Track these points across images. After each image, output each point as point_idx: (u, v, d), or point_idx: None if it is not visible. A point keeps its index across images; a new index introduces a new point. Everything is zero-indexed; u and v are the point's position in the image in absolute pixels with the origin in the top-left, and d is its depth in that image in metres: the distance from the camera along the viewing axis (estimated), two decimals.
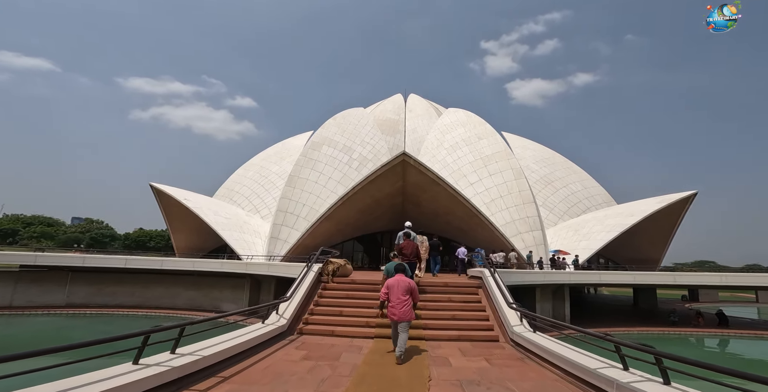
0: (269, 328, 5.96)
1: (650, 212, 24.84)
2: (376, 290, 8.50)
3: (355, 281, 8.91)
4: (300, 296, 7.53)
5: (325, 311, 7.62)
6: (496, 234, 22.86)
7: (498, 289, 7.60)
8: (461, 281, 9.44)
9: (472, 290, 8.58)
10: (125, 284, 22.81)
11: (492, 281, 8.03)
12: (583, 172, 36.92)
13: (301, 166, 27.33)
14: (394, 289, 5.48)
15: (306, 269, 8.50)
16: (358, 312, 7.55)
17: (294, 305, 7.11)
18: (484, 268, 9.29)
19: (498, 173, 27.00)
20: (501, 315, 7.03)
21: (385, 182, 22.91)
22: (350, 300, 8.08)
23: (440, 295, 8.30)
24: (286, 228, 25.05)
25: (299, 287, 7.81)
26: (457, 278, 10.49)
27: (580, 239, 26.23)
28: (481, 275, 8.72)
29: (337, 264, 8.96)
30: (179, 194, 26.56)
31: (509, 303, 6.73)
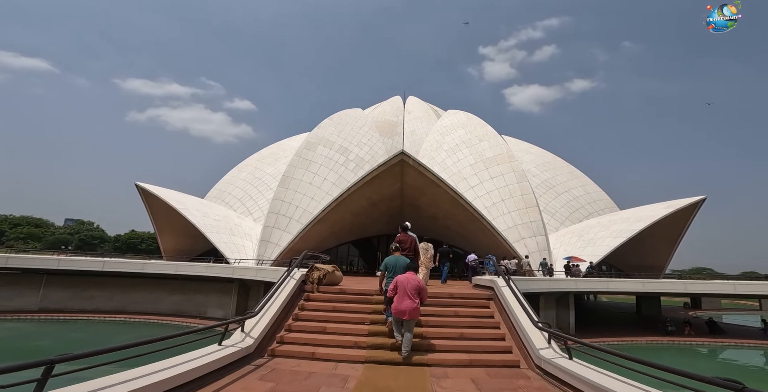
0: (226, 351, 4.54)
1: (658, 217, 23.61)
2: (370, 302, 7.11)
3: (345, 291, 7.51)
4: (275, 309, 6.11)
5: (305, 327, 6.21)
6: (499, 240, 21.51)
7: (517, 302, 6.21)
8: (468, 291, 8.04)
9: (482, 303, 7.19)
10: (104, 288, 21.24)
11: (507, 292, 6.65)
12: (585, 177, 35.78)
13: (295, 166, 26.00)
14: (402, 287, 5.35)
15: (285, 277, 7.06)
16: (345, 328, 6.15)
17: (266, 320, 5.70)
18: (496, 276, 7.92)
19: (499, 175, 25.76)
20: (522, 334, 5.65)
21: (382, 183, 21.59)
22: (337, 313, 6.67)
23: (445, 309, 6.90)
24: (278, 231, 23.62)
25: (274, 298, 6.39)
26: (463, 288, 9.09)
27: (585, 245, 24.91)
28: (493, 285, 7.34)
29: (323, 271, 7.57)
30: (166, 194, 25.11)
31: (535, 321, 5.34)
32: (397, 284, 5.45)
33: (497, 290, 7.03)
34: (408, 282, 5.39)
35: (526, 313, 5.71)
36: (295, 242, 21.93)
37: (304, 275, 7.64)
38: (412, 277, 5.52)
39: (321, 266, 7.72)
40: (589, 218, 31.86)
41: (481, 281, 8.57)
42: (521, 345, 5.64)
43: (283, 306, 6.38)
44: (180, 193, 27.36)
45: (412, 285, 5.36)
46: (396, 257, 6.31)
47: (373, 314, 6.63)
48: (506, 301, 6.41)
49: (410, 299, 5.26)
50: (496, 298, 7.06)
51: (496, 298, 7.10)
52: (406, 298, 5.28)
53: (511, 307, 6.17)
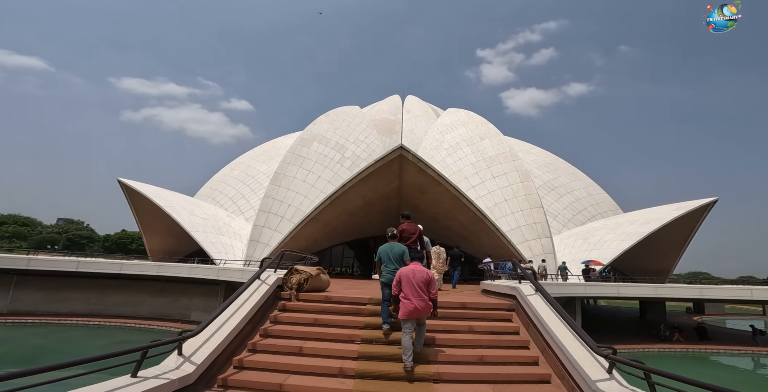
0: (143, 387, 3.00)
1: (669, 219, 22.25)
2: (362, 313, 5.58)
3: (331, 298, 5.96)
4: (235, 322, 4.56)
5: (276, 346, 4.66)
6: (503, 242, 20.03)
7: (555, 317, 4.69)
8: (483, 300, 6.52)
9: (501, 315, 5.67)
10: (80, 290, 19.61)
11: (538, 303, 5.13)
12: (588, 178, 34.48)
13: (288, 163, 24.45)
14: (410, 281, 4.49)
15: (252, 281, 5.47)
16: (328, 349, 4.62)
17: (219, 338, 4.15)
18: (518, 282, 6.42)
19: (502, 174, 24.32)
20: (564, 359, 4.14)
21: (379, 181, 20.09)
22: (319, 329, 5.13)
23: (456, 323, 5.38)
24: (268, 230, 22.02)
25: (234, 308, 4.84)
26: (477, 296, 7.54)
27: (591, 248, 23.49)
28: (515, 293, 5.82)
29: (305, 274, 6.05)
30: (151, 191, 23.48)
31: (594, 345, 3.79)
32: (400, 278, 4.55)
33: (522, 300, 5.51)
34: (414, 275, 4.50)
35: (574, 332, 4.18)
36: (285, 242, 20.33)
37: (281, 278, 6.11)
38: (418, 268, 4.61)
39: (303, 269, 6.19)
40: (593, 220, 30.50)
41: (496, 288, 7.03)
42: (563, 372, 4.12)
43: (248, 319, 4.84)
44: (166, 190, 25.72)
45: (419, 278, 4.47)
46: (391, 244, 5.24)
47: (365, 329, 5.11)
48: (537, 315, 4.89)
49: (420, 295, 4.40)
50: (520, 309, 5.55)
51: (519, 309, 5.59)
52: (415, 295, 4.40)
53: (544, 322, 4.65)
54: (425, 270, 4.64)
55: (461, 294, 8.30)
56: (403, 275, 4.56)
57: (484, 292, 8.84)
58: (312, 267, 6.45)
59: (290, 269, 6.16)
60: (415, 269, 4.59)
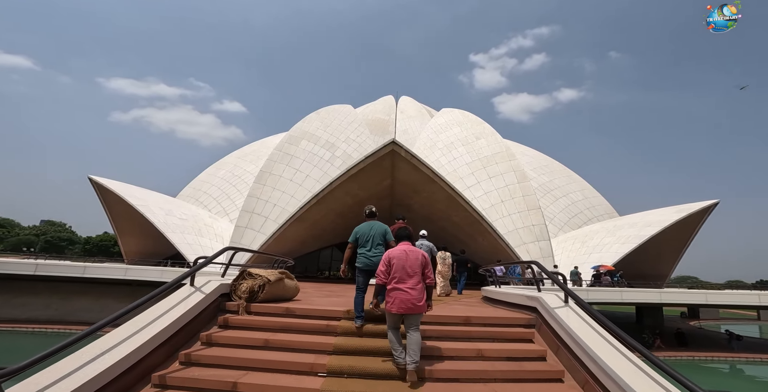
0: None
1: (670, 222, 21.14)
2: (333, 331, 4.09)
3: (294, 311, 4.44)
4: (134, 346, 3.04)
5: (198, 382, 3.15)
6: (500, 244, 18.70)
7: (606, 337, 3.25)
8: (491, 313, 5.05)
9: (519, 334, 4.23)
10: (40, 295, 17.79)
11: (572, 317, 3.70)
12: (583, 181, 33.50)
13: (275, 161, 22.89)
14: (400, 266, 3.51)
15: (169, 287, 3.87)
16: (275, 387, 3.12)
17: (90, 373, 2.63)
18: (537, 289, 4.99)
19: (499, 175, 23.07)
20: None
21: (370, 178, 18.67)
22: (269, 353, 3.62)
23: (460, 345, 3.92)
24: (251, 232, 20.36)
25: (127, 328, 3.31)
26: (481, 308, 6.07)
27: (590, 252, 22.27)
28: (537, 304, 4.38)
29: (260, 279, 4.55)
30: (124, 189, 21.72)
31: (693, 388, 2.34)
32: (390, 261, 3.59)
33: (547, 314, 4.07)
34: (407, 257, 3.59)
35: (660, 367, 2.74)
36: (268, 244, 18.73)
37: (230, 285, 4.60)
38: (411, 249, 3.70)
39: (258, 273, 4.69)
40: (589, 223, 29.41)
41: (506, 297, 5.56)
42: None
43: (160, 341, 3.32)
44: (142, 189, 23.95)
45: (414, 261, 3.58)
46: (370, 223, 4.45)
47: (335, 355, 3.64)
48: (572, 334, 3.45)
49: (413, 281, 3.51)
50: (543, 326, 4.11)
51: (542, 326, 4.15)
52: (410, 282, 3.49)
53: (586, 346, 3.22)
54: (418, 251, 3.71)
55: (460, 304, 6.84)
56: (393, 257, 3.58)
57: (487, 300, 7.40)
58: (272, 271, 4.96)
59: (241, 272, 4.66)
60: (407, 249, 3.67)
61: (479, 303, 7.09)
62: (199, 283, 4.32)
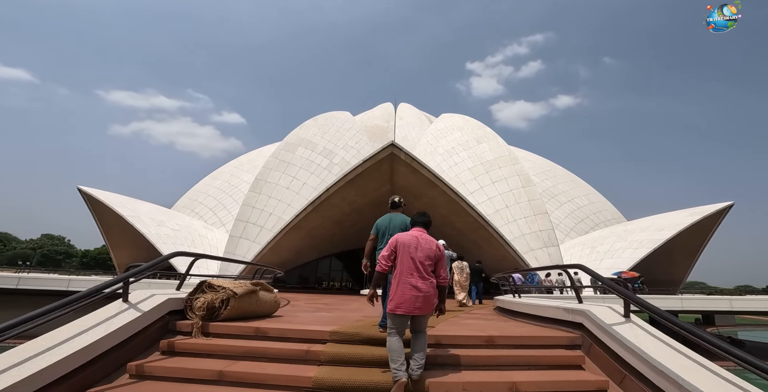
0: None
1: (684, 225, 20.06)
2: (314, 358, 3.05)
3: (265, 332, 3.39)
4: None
5: None
6: (508, 251, 17.60)
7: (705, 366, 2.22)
8: (518, 332, 3.98)
9: (561, 358, 3.17)
10: None
11: (641, 337, 2.66)
12: (588, 185, 32.54)
13: (271, 169, 22.02)
14: (409, 253, 2.87)
15: (76, 299, 2.78)
16: None
17: None
18: (577, 299, 3.96)
19: (502, 179, 22.11)
20: None
21: (368, 184, 17.73)
22: (224, 390, 2.59)
23: (485, 374, 2.87)
24: (246, 242, 19.30)
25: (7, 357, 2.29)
26: (501, 323, 4.97)
27: (602, 258, 21.10)
28: (585, 320, 3.31)
29: (223, 293, 3.54)
30: (114, 200, 20.78)
31: None
32: (396, 247, 2.93)
33: (603, 332, 3.03)
34: (419, 245, 2.92)
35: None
36: (263, 254, 17.65)
37: (185, 299, 3.58)
38: (425, 236, 3.04)
39: (221, 285, 3.67)
40: (596, 229, 28.31)
41: (535, 310, 4.48)
42: None
43: (57, 376, 2.30)
44: (134, 199, 23.01)
45: (424, 250, 2.91)
46: (391, 215, 3.87)
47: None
48: (657, 364, 2.42)
49: (422, 275, 2.83)
50: (596, 347, 3.07)
51: (594, 347, 3.10)
52: (417, 275, 2.82)
53: (679, 377, 2.18)
54: (433, 241, 3.06)
55: (473, 317, 5.77)
56: (400, 242, 2.95)
57: (502, 312, 6.33)
58: (241, 282, 3.95)
59: (199, 284, 3.65)
60: (419, 236, 3.01)
61: (496, 316, 6.02)
62: (138, 298, 3.29)
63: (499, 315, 6.11)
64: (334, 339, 3.34)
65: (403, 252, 2.89)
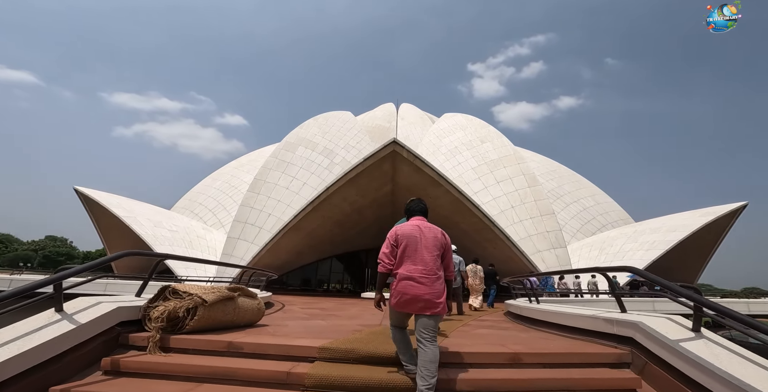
0: None
1: (697, 226, 19.28)
2: (295, 385, 2.39)
3: (239, 346, 2.76)
4: None
5: None
6: (514, 252, 16.90)
7: None
8: (543, 344, 3.32)
9: (608, 380, 2.50)
10: None
11: (722, 357, 2.02)
12: (594, 186, 31.79)
13: (270, 169, 21.45)
14: (412, 243, 2.51)
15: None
16: None
17: None
18: (619, 306, 3.31)
19: (507, 179, 21.43)
20: None
21: (369, 183, 17.10)
22: None
23: None
24: (244, 243, 18.69)
25: None
26: (523, 334, 4.27)
27: (610, 260, 20.33)
28: (638, 333, 2.65)
29: (189, 301, 2.91)
30: (109, 200, 20.25)
31: None
32: (397, 239, 2.52)
33: (665, 349, 2.37)
34: (423, 235, 2.53)
35: None
36: (260, 255, 17.03)
37: (141, 309, 2.95)
38: (426, 225, 2.62)
39: (188, 291, 3.04)
40: (603, 230, 27.53)
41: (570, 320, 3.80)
42: None
43: None
44: (131, 200, 22.48)
45: (430, 239, 2.52)
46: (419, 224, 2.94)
47: None
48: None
49: (428, 269, 2.42)
50: (652, 367, 2.41)
51: (649, 366, 2.44)
52: (421, 268, 2.42)
53: None
54: (437, 229, 2.73)
55: (485, 326, 5.10)
56: (402, 234, 2.57)
57: (515, 318, 5.66)
58: (215, 288, 3.31)
59: (161, 290, 3.02)
60: (421, 225, 2.64)
61: (510, 324, 5.34)
62: (78, 306, 2.65)
63: (514, 323, 5.44)
64: (323, 356, 2.70)
65: (406, 245, 2.51)
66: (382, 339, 3.25)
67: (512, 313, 6.27)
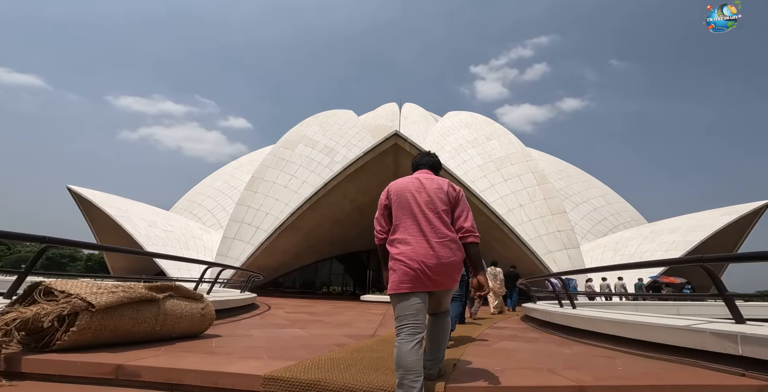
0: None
1: (719, 226, 17.99)
2: None
3: (136, 374, 1.75)
4: None
5: None
6: (524, 252, 15.75)
7: None
8: (624, 371, 2.26)
9: None
10: None
11: None
12: (604, 186, 30.51)
13: (268, 167, 20.57)
14: (408, 200, 1.82)
15: None
16: None
17: None
18: (732, 317, 2.25)
19: (515, 177, 20.33)
20: None
21: (370, 180, 16.09)
22: None
23: None
24: (240, 243, 17.73)
25: None
26: (579, 356, 3.17)
27: (626, 261, 19.06)
28: None
29: (65, 305, 1.89)
30: (103, 199, 19.45)
31: None
32: (390, 197, 1.90)
33: None
34: (423, 187, 1.85)
35: None
36: (255, 256, 16.03)
37: None
38: (429, 176, 1.96)
39: (67, 290, 2.02)
40: (615, 231, 26.22)
41: (651, 334, 2.69)
42: None
43: None
44: (125, 199, 21.68)
45: (433, 191, 1.82)
46: None
47: None
48: None
49: (434, 229, 1.72)
50: None
51: None
52: (425, 230, 1.73)
53: None
54: (443, 180, 1.91)
55: (507, 336, 4.01)
56: (395, 190, 1.89)
57: (538, 324, 4.57)
58: (118, 286, 2.28)
59: (28, 290, 2.02)
60: (422, 177, 1.93)
61: (536, 332, 4.25)
62: None
63: (541, 331, 4.35)
64: (269, 391, 1.65)
65: (401, 202, 1.82)
66: (369, 361, 2.20)
67: (535, 319, 5.18)
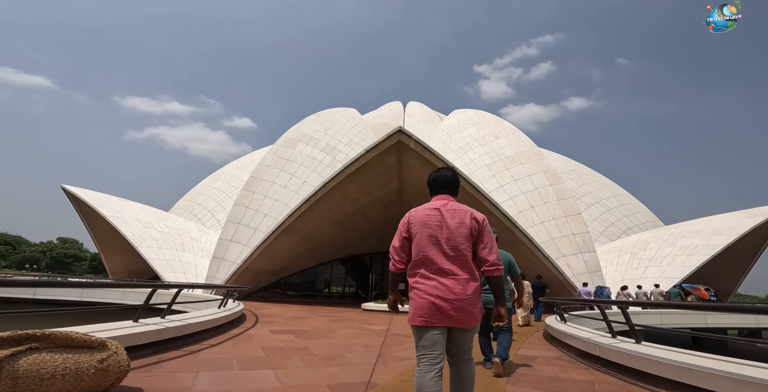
0: None
1: (746, 229, 16.72)
2: None
3: None
4: None
5: None
6: (537, 257, 14.66)
7: None
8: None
9: None
10: None
11: None
12: (617, 186, 29.22)
13: (268, 166, 19.72)
14: (429, 232, 1.69)
15: None
16: None
17: None
18: None
19: (525, 176, 19.23)
20: None
21: (372, 179, 15.15)
22: None
23: None
24: (237, 245, 16.89)
25: None
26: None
27: (645, 266, 17.87)
28: None
29: None
30: (97, 199, 18.74)
31: None
32: (409, 228, 1.74)
33: None
34: (444, 220, 1.70)
35: None
36: (252, 259, 15.16)
37: None
38: (451, 206, 1.76)
39: None
40: (629, 233, 25.00)
41: None
42: None
43: None
44: (123, 200, 20.98)
45: (455, 225, 1.67)
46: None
47: None
48: None
49: (457, 267, 1.61)
50: None
51: None
52: (444, 266, 1.61)
53: None
54: (466, 210, 1.75)
55: (553, 371, 3.03)
56: (415, 221, 1.74)
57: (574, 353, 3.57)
58: None
59: None
60: (441, 207, 1.75)
61: (584, 375, 3.26)
62: None
63: (583, 365, 3.35)
64: None
65: (421, 233, 1.67)
66: None
67: (566, 345, 4.18)
